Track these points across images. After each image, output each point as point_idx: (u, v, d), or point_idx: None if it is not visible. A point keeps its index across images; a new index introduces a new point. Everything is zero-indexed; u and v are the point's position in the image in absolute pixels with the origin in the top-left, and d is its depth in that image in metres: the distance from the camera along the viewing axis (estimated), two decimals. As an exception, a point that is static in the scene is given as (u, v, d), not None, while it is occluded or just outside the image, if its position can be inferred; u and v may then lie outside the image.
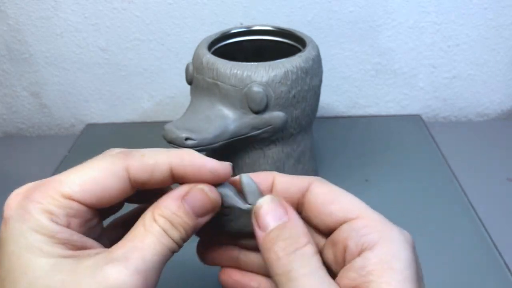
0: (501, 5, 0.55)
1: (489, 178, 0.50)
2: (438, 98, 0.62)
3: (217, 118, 0.35)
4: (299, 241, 0.20)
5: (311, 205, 0.22)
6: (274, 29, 0.44)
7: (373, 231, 0.20)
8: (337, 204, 0.21)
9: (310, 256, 0.19)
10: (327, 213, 0.21)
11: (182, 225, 0.20)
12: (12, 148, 0.61)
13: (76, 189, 0.19)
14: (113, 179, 0.20)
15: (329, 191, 0.22)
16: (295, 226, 0.20)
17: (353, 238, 0.20)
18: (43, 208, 0.19)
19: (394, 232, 0.20)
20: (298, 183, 0.23)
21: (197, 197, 0.21)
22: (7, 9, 0.55)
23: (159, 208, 0.20)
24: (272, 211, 0.21)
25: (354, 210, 0.21)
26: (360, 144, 0.55)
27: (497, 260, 0.39)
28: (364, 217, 0.21)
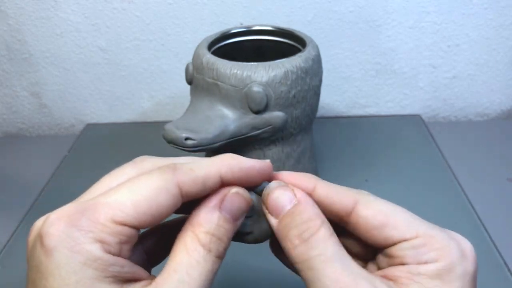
0: (501, 5, 0.55)
1: (489, 178, 0.50)
2: (438, 98, 0.62)
3: (217, 118, 0.35)
4: (313, 225, 0.19)
5: (361, 228, 0.21)
6: (274, 29, 0.44)
7: (432, 249, 0.20)
8: (391, 227, 0.20)
9: (327, 239, 0.19)
10: (381, 236, 0.20)
11: (226, 234, 0.20)
12: (12, 148, 0.61)
13: (130, 212, 0.18)
14: (167, 197, 0.19)
15: (379, 212, 0.21)
16: (306, 209, 0.20)
17: (412, 256, 0.20)
18: (95, 237, 0.17)
19: (451, 248, 0.20)
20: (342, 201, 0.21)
21: (234, 201, 0.20)
22: (7, 9, 0.55)
23: (200, 225, 0.19)
24: (281, 195, 0.21)
25: (409, 230, 0.20)
26: (360, 144, 0.55)
27: (497, 260, 0.39)
28: (421, 235, 0.20)
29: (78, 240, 0.17)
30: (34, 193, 0.49)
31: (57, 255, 0.17)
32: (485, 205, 0.45)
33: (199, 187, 0.20)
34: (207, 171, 0.20)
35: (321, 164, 0.51)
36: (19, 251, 0.42)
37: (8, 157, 0.59)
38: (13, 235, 0.44)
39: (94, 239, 0.17)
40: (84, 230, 0.17)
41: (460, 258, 0.19)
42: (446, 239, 0.20)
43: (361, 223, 0.21)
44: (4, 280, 0.39)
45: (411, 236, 0.20)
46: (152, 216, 0.18)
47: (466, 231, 0.44)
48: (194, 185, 0.19)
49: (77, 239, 0.17)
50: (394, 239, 0.20)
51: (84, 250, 0.17)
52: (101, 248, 0.17)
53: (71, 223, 0.17)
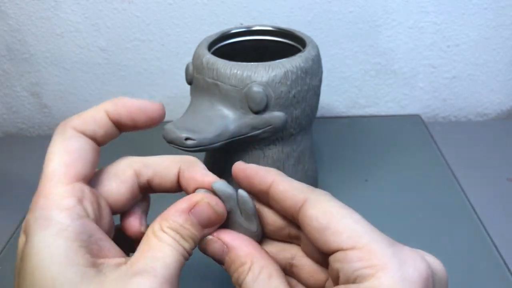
0: (501, 5, 0.55)
1: (489, 178, 0.50)
2: (437, 98, 0.62)
3: (217, 118, 0.35)
4: (243, 269, 0.20)
5: (306, 228, 0.20)
6: (274, 29, 0.44)
7: (366, 266, 0.18)
8: (331, 232, 0.19)
9: (255, 278, 0.20)
10: (321, 240, 0.19)
11: (190, 236, 0.21)
12: (12, 148, 0.61)
13: (63, 170, 0.21)
14: (71, 134, 0.22)
15: (323, 213, 0.20)
16: (235, 254, 0.21)
17: (345, 270, 0.18)
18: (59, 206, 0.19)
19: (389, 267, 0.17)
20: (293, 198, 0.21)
21: (204, 211, 0.21)
22: (7, 9, 0.55)
23: (167, 220, 0.20)
24: (214, 249, 0.22)
25: (348, 239, 0.19)
26: (360, 144, 0.55)
27: (497, 260, 0.39)
28: (360, 247, 0.18)
29: (46, 215, 0.18)
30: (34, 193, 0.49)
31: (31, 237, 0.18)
32: (485, 205, 0.45)
33: (89, 121, 0.22)
34: (92, 110, 0.23)
35: (321, 164, 0.51)
36: (19, 251, 0.42)
37: (8, 157, 0.59)
38: (13, 235, 0.44)
39: (59, 208, 0.19)
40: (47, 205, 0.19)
41: (397, 282, 0.17)
42: (386, 257, 0.18)
43: (305, 223, 0.20)
44: (4, 280, 0.39)
45: (347, 246, 0.19)
46: (83, 166, 0.21)
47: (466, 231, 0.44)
48: (84, 121, 0.22)
49: (45, 215, 0.18)
50: (332, 246, 0.19)
51: (55, 221, 0.18)
52: (68, 216, 0.19)
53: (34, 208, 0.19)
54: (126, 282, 0.18)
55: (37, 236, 0.18)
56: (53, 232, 0.18)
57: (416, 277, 0.18)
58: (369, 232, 0.19)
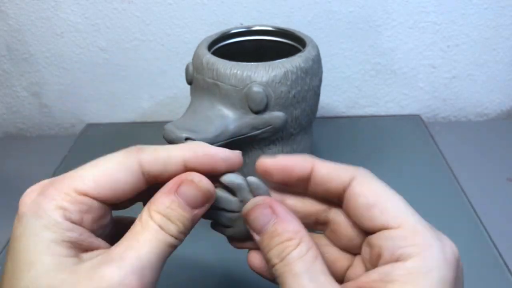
0: (501, 5, 0.55)
1: (488, 178, 0.50)
2: (437, 98, 0.62)
3: (217, 118, 0.35)
4: (290, 244, 0.20)
5: (351, 205, 0.21)
6: (274, 29, 0.44)
7: (410, 244, 0.19)
8: (378, 209, 0.20)
9: (301, 256, 0.19)
10: (367, 217, 0.20)
11: (178, 218, 0.20)
12: (12, 148, 0.61)
13: (90, 184, 0.20)
14: (126, 173, 0.20)
15: (371, 191, 0.20)
16: (284, 228, 0.20)
17: (389, 248, 0.19)
18: (57, 204, 0.19)
19: (433, 247, 0.19)
20: (339, 177, 0.21)
21: (189, 189, 0.20)
22: (7, 9, 0.55)
23: (154, 204, 0.20)
24: (260, 215, 0.21)
25: (395, 218, 0.20)
26: (360, 144, 0.55)
27: (497, 260, 0.39)
28: (405, 227, 0.19)
29: (43, 206, 0.19)
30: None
31: (24, 220, 0.19)
32: (485, 205, 0.45)
33: (160, 167, 0.21)
34: (169, 152, 0.21)
35: (321, 164, 0.51)
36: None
37: (8, 157, 0.59)
38: (13, 235, 0.44)
39: (57, 206, 0.19)
40: (49, 198, 0.19)
41: (441, 262, 0.18)
42: (430, 238, 0.19)
43: (352, 200, 0.21)
44: (4, 280, 0.39)
45: (394, 225, 0.19)
46: (111, 189, 0.20)
47: (466, 231, 0.44)
48: (155, 164, 0.20)
49: (42, 205, 0.19)
50: (378, 223, 0.20)
51: (46, 214, 0.19)
52: (61, 215, 0.19)
53: (40, 193, 0.19)
54: (95, 269, 0.18)
55: (28, 223, 0.19)
56: (43, 223, 0.18)
57: (453, 258, 0.19)
58: (413, 214, 0.20)
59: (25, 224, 0.19)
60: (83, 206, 0.19)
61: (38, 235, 0.18)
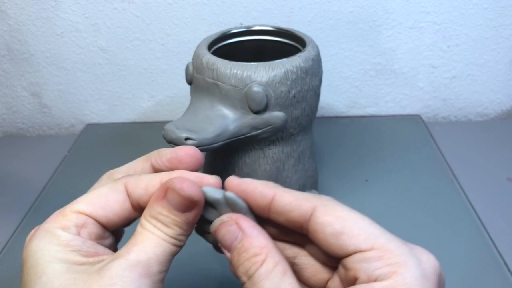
0: (501, 5, 0.55)
1: (489, 178, 0.50)
2: (437, 98, 0.62)
3: (217, 118, 0.35)
4: (257, 260, 0.20)
5: (318, 236, 0.20)
6: (274, 29, 0.44)
7: (386, 264, 0.18)
8: (347, 235, 0.20)
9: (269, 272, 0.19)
10: (337, 245, 0.20)
11: (171, 222, 0.21)
12: (12, 148, 0.61)
13: (83, 204, 0.22)
14: (115, 193, 0.22)
15: (336, 218, 0.20)
16: (251, 244, 0.20)
17: (365, 271, 0.19)
18: (57, 225, 0.21)
19: (409, 264, 0.18)
20: (300, 208, 0.21)
21: (173, 196, 0.21)
22: (7, 9, 0.55)
23: (148, 209, 0.22)
24: (227, 232, 0.21)
25: (366, 241, 0.19)
26: (360, 144, 0.55)
27: (497, 260, 0.39)
28: (378, 247, 0.19)
29: (46, 229, 0.21)
30: (34, 193, 0.49)
31: (30, 244, 0.21)
32: (485, 205, 0.45)
33: (142, 190, 0.22)
34: (150, 177, 0.23)
35: (321, 164, 0.51)
36: (19, 251, 0.42)
37: (8, 157, 0.59)
38: (13, 235, 0.44)
39: (57, 226, 0.21)
40: (50, 222, 0.21)
41: (419, 278, 0.18)
42: (405, 255, 0.19)
43: (318, 230, 0.20)
44: (4, 280, 0.39)
45: (366, 247, 0.19)
46: (102, 208, 0.22)
47: (466, 231, 0.44)
48: (137, 187, 0.22)
49: (45, 229, 0.21)
50: (349, 249, 0.19)
51: (50, 233, 0.21)
52: (63, 231, 0.21)
53: (45, 222, 0.22)
54: (104, 268, 0.19)
55: (34, 243, 0.20)
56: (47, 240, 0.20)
57: (432, 272, 0.19)
58: (384, 233, 0.20)
59: (30, 246, 0.20)
60: (78, 221, 0.21)
61: (44, 249, 0.20)
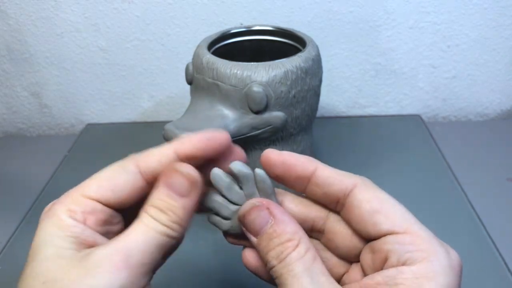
0: (501, 5, 0.55)
1: (488, 178, 0.50)
2: (437, 98, 0.62)
3: (217, 118, 0.35)
4: (289, 245, 0.20)
5: (354, 211, 0.21)
6: (274, 29, 0.44)
7: (418, 249, 0.19)
8: (384, 215, 0.20)
9: (300, 257, 0.20)
10: (371, 222, 0.20)
11: (168, 208, 0.21)
12: (12, 148, 0.61)
13: (93, 188, 0.21)
14: (125, 174, 0.22)
15: (376, 198, 0.21)
16: (283, 230, 0.20)
17: (397, 252, 0.19)
18: (65, 207, 0.21)
19: (440, 253, 0.19)
20: (341, 182, 0.22)
21: (174, 178, 0.21)
22: (7, 9, 0.55)
23: (148, 200, 0.21)
24: (257, 217, 0.21)
25: (402, 224, 0.20)
26: (360, 144, 0.55)
27: (497, 260, 0.39)
28: (412, 233, 0.20)
29: (54, 209, 0.21)
30: (34, 193, 0.49)
31: (40, 224, 0.21)
32: (485, 205, 0.45)
33: (156, 163, 0.22)
34: (161, 148, 0.22)
35: (321, 164, 0.51)
36: (19, 251, 0.42)
37: (8, 157, 0.59)
38: (13, 235, 0.44)
39: (65, 209, 0.21)
40: (60, 203, 0.21)
41: (446, 268, 0.19)
42: (436, 244, 0.19)
43: (355, 206, 0.21)
44: (4, 280, 0.39)
45: (400, 229, 0.20)
46: (112, 191, 0.21)
47: (466, 231, 0.44)
48: (150, 161, 0.22)
49: (54, 209, 0.21)
50: (383, 228, 0.20)
51: (55, 215, 0.21)
52: (68, 215, 0.21)
53: (56, 202, 0.22)
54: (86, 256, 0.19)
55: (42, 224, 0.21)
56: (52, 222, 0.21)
57: (457, 265, 0.19)
58: (418, 222, 0.20)
59: (40, 226, 0.21)
60: (87, 208, 0.21)
61: (46, 231, 0.20)
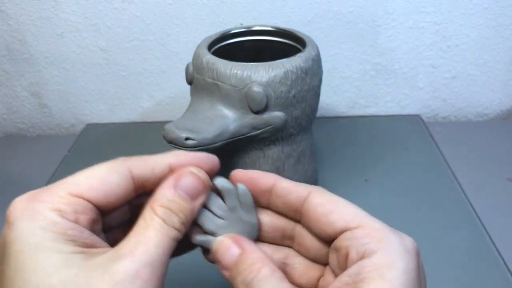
0: (500, 5, 0.55)
1: (488, 178, 0.50)
2: (437, 98, 0.62)
3: (217, 118, 0.35)
4: (254, 269, 0.21)
5: (310, 215, 0.22)
6: (274, 29, 0.44)
7: (373, 240, 0.20)
8: (337, 214, 0.22)
9: (267, 278, 0.20)
10: (327, 223, 0.22)
11: (180, 210, 0.21)
12: (12, 148, 0.61)
13: (84, 187, 0.20)
14: (117, 176, 0.21)
15: (328, 201, 0.22)
16: (247, 256, 0.21)
17: (354, 246, 0.20)
18: (52, 206, 0.19)
19: (394, 241, 0.20)
20: (298, 191, 0.23)
21: (188, 179, 0.22)
22: (7, 9, 0.56)
23: (156, 199, 0.21)
24: (226, 250, 0.22)
25: (354, 220, 0.21)
26: (360, 144, 0.55)
27: (497, 260, 0.39)
28: (365, 226, 0.21)
29: (38, 210, 0.19)
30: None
31: (18, 224, 0.19)
32: (485, 205, 0.45)
33: (149, 171, 0.22)
34: (156, 159, 0.23)
35: (321, 164, 0.51)
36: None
37: (8, 157, 0.59)
38: (13, 235, 0.44)
39: (53, 208, 0.19)
40: (44, 202, 0.19)
41: (402, 253, 0.20)
42: (389, 233, 0.20)
43: (311, 210, 0.22)
44: (4, 280, 0.39)
45: (354, 225, 0.21)
46: (103, 192, 0.21)
47: (466, 231, 0.44)
48: (143, 168, 0.22)
49: (37, 209, 0.19)
50: (338, 226, 0.21)
51: (43, 216, 0.19)
52: (59, 215, 0.19)
53: (32, 198, 0.19)
54: (107, 266, 0.18)
55: (24, 224, 0.19)
56: (41, 224, 0.19)
57: (412, 248, 0.20)
58: (369, 216, 0.22)
59: (19, 228, 0.19)
60: (78, 207, 0.20)
61: (38, 235, 0.18)
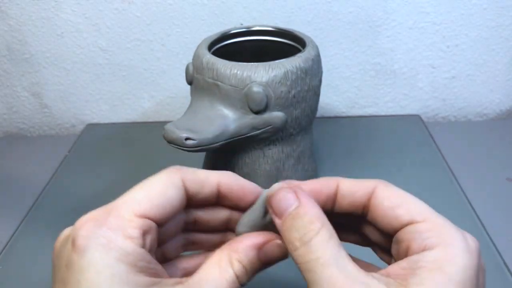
0: (500, 6, 0.55)
1: (488, 178, 0.50)
2: (437, 98, 0.62)
3: (217, 118, 0.35)
4: (313, 228, 0.20)
5: (378, 209, 0.23)
6: (274, 29, 0.44)
7: (435, 235, 0.20)
8: (403, 208, 0.22)
9: (325, 242, 0.20)
10: (393, 216, 0.22)
11: (253, 271, 0.22)
12: (12, 148, 0.61)
13: (147, 205, 0.20)
14: (175, 190, 0.21)
15: (395, 195, 0.23)
16: (306, 212, 0.21)
17: (417, 239, 0.21)
18: (123, 234, 0.19)
19: (457, 237, 0.20)
20: (363, 187, 0.23)
21: (274, 250, 0.22)
22: (7, 9, 0.56)
23: (237, 252, 0.21)
24: (283, 197, 0.22)
25: (420, 214, 0.22)
26: (360, 144, 0.55)
27: (497, 260, 0.39)
28: (429, 221, 0.21)
29: (110, 238, 0.19)
30: (35, 193, 0.49)
31: (90, 253, 0.18)
32: (485, 205, 0.45)
33: (199, 186, 0.22)
34: (207, 174, 0.23)
35: (321, 164, 0.51)
36: (19, 251, 0.42)
37: (8, 157, 0.59)
38: (14, 235, 0.44)
39: (124, 236, 0.19)
40: (114, 228, 0.19)
41: (464, 250, 0.20)
42: (453, 230, 0.21)
43: (378, 204, 0.23)
44: (4, 280, 0.39)
45: (419, 219, 0.21)
46: (164, 208, 0.21)
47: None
48: (195, 183, 0.22)
49: (109, 237, 0.19)
50: (404, 219, 0.22)
51: (117, 247, 0.19)
52: (131, 244, 0.19)
53: (100, 223, 0.19)
54: None
55: (97, 254, 0.18)
56: (116, 255, 0.19)
57: (474, 248, 0.21)
58: (436, 213, 0.22)
59: (92, 257, 0.18)
60: (145, 228, 0.20)
61: (113, 267, 0.18)
